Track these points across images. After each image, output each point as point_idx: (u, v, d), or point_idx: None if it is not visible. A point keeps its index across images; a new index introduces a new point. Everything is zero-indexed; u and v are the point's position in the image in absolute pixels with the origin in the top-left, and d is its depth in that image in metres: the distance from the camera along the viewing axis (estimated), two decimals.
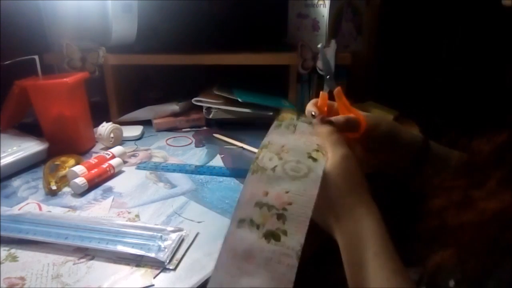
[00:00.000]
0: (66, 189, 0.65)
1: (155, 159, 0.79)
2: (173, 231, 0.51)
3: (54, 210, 0.59)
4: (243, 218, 0.40)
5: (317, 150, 0.46)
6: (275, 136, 0.49)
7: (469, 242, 0.31)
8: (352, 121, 0.49)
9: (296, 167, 0.44)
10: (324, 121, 0.47)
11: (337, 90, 0.51)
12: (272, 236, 0.39)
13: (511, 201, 0.29)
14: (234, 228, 0.40)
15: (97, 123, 0.84)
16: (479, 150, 0.36)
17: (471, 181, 0.34)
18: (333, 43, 0.65)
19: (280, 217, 0.40)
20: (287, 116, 0.54)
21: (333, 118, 0.48)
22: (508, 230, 0.29)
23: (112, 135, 0.84)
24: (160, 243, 0.49)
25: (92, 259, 0.48)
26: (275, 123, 0.52)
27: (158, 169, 0.73)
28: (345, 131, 0.48)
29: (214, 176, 0.71)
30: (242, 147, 0.84)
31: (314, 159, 0.45)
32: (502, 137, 0.35)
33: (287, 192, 0.42)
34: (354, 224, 0.40)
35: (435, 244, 0.35)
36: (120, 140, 0.87)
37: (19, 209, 0.59)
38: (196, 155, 0.81)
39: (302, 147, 0.47)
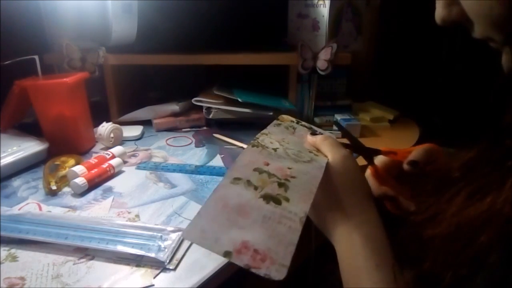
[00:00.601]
0: (66, 189, 0.65)
1: (155, 159, 0.79)
2: (173, 231, 0.51)
3: (54, 210, 0.59)
4: (238, 177, 0.37)
5: (317, 151, 0.46)
6: (275, 130, 0.49)
7: (440, 254, 0.32)
8: (429, 149, 0.47)
9: (298, 154, 0.43)
10: (410, 163, 0.46)
11: (383, 150, 0.49)
12: (271, 198, 0.35)
13: (474, 216, 0.30)
14: (227, 183, 0.36)
15: (97, 123, 0.84)
16: (450, 166, 0.37)
17: (442, 196, 0.34)
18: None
19: (282, 185, 0.37)
20: (287, 118, 0.53)
21: (413, 157, 0.46)
22: (472, 244, 0.29)
23: (112, 135, 0.84)
24: (160, 243, 0.49)
25: (92, 259, 0.48)
26: (274, 122, 0.51)
27: (158, 169, 0.73)
28: (428, 164, 0.46)
29: (214, 176, 0.71)
30: (242, 147, 0.84)
31: (315, 155, 0.44)
32: (470, 154, 0.35)
33: (289, 168, 0.39)
34: (352, 230, 0.39)
35: (414, 256, 0.35)
36: (120, 140, 0.87)
37: (19, 209, 0.59)
38: (196, 155, 0.81)
39: (303, 146, 0.47)
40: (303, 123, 0.53)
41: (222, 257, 0.30)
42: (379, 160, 0.51)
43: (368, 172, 0.50)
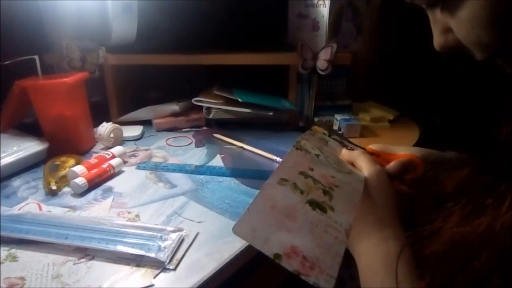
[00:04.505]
0: (66, 189, 0.65)
1: (155, 159, 0.79)
2: (173, 231, 0.51)
3: (54, 210, 0.59)
4: (285, 178, 0.37)
5: (352, 165, 0.46)
6: (311, 138, 0.49)
7: (438, 274, 0.32)
8: (407, 162, 0.47)
9: (338, 164, 0.43)
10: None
11: (367, 150, 0.50)
12: (317, 205, 0.36)
13: (471, 236, 0.30)
14: (274, 182, 0.37)
15: (97, 123, 0.84)
16: (444, 185, 0.38)
17: (437, 215, 0.35)
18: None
19: (327, 193, 0.37)
20: (320, 130, 0.54)
21: (387, 169, 0.47)
22: (470, 266, 0.29)
23: (112, 135, 0.84)
24: (160, 243, 0.49)
25: (92, 259, 0.48)
26: (308, 131, 0.51)
27: (158, 169, 0.73)
28: (404, 175, 0.47)
29: (214, 176, 0.71)
30: (242, 147, 0.84)
31: (353, 167, 0.44)
32: (463, 174, 0.36)
33: (333, 177, 0.40)
34: (377, 245, 0.38)
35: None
36: (120, 140, 0.87)
37: (19, 209, 0.59)
38: (196, 155, 0.81)
39: (339, 158, 0.47)
40: (334, 136, 0.53)
41: (272, 258, 0.31)
42: None
43: None
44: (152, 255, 0.46)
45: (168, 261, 0.46)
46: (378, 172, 0.43)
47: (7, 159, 0.68)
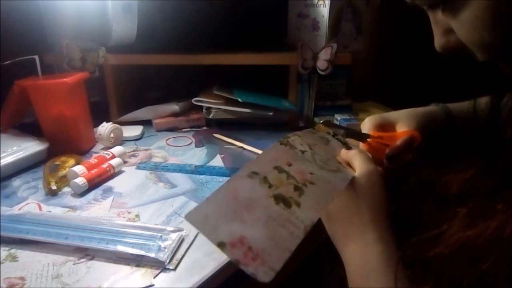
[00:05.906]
0: (66, 189, 0.65)
1: (155, 159, 0.79)
2: (173, 231, 0.51)
3: (54, 210, 0.59)
4: (256, 172, 0.37)
5: (348, 165, 0.46)
6: (308, 135, 0.48)
7: (443, 277, 0.31)
8: (409, 139, 0.49)
9: (326, 161, 0.43)
10: (389, 157, 0.48)
11: (372, 135, 0.52)
12: (282, 200, 0.35)
13: (477, 239, 0.30)
14: (243, 175, 0.36)
15: (97, 123, 0.84)
16: (449, 185, 0.37)
17: (442, 215, 0.34)
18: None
19: (297, 189, 0.36)
20: (324, 129, 0.53)
21: (390, 150, 0.48)
22: (476, 269, 0.29)
23: (112, 135, 0.84)
24: (160, 243, 0.49)
25: (92, 259, 0.48)
26: (309, 129, 0.51)
27: (158, 169, 0.73)
28: (408, 151, 0.48)
29: (214, 176, 0.71)
30: (242, 147, 0.84)
31: (344, 167, 0.44)
32: (467, 175, 0.36)
33: (311, 174, 0.39)
34: (364, 248, 0.38)
35: (416, 276, 0.35)
36: (120, 140, 0.87)
37: (19, 209, 0.59)
38: (196, 155, 0.81)
39: (333, 156, 0.46)
40: (339, 137, 0.53)
41: (216, 246, 0.30)
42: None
43: (362, 147, 0.54)
44: (152, 255, 0.46)
45: (168, 261, 0.46)
46: (369, 172, 0.42)
47: (7, 159, 0.68)
